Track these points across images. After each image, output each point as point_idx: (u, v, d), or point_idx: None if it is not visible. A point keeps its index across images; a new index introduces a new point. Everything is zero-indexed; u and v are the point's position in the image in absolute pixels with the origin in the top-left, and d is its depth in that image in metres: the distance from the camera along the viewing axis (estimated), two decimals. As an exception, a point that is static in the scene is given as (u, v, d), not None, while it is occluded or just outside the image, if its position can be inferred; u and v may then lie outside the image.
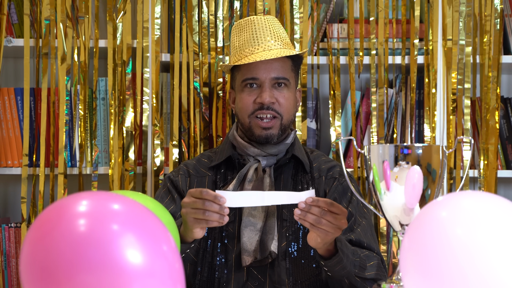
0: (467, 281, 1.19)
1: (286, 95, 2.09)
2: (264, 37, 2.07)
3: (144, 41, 2.78)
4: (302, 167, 2.13)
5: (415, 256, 1.25)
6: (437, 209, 1.26)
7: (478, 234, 1.20)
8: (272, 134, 2.08)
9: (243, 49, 2.08)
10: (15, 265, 2.78)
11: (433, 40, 2.76)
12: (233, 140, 2.13)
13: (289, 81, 2.11)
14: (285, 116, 2.10)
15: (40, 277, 1.12)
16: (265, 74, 2.08)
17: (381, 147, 1.61)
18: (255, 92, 2.09)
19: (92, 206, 1.16)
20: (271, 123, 2.08)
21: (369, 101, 2.83)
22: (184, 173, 2.17)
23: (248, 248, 2.00)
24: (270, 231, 2.01)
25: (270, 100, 2.07)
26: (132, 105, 2.78)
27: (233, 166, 2.13)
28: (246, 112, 2.09)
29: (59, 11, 2.77)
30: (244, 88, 2.10)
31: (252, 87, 2.09)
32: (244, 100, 2.10)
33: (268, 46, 2.06)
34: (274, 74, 2.08)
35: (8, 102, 2.82)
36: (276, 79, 2.08)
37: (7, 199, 3.07)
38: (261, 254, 2.00)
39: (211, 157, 2.20)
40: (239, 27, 2.12)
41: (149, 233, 1.15)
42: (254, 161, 2.09)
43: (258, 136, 2.09)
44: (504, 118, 2.82)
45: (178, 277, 1.16)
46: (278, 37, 2.09)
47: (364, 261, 1.97)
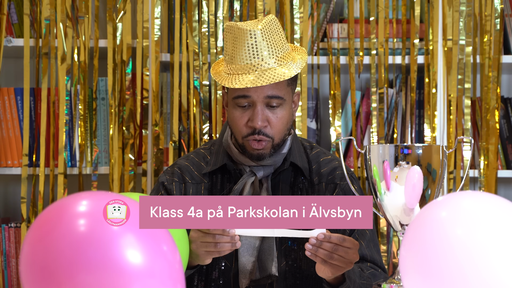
0: (467, 281, 1.19)
1: (279, 115, 1.96)
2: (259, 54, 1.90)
3: (144, 41, 2.78)
4: (301, 172, 2.05)
5: (415, 256, 1.25)
6: (437, 209, 1.26)
7: (478, 234, 1.20)
8: (263, 153, 1.97)
9: (235, 63, 1.92)
10: (15, 265, 2.78)
11: (433, 40, 2.76)
12: (227, 149, 2.03)
13: (284, 98, 1.95)
14: (277, 136, 1.97)
15: (40, 277, 1.12)
16: (257, 93, 1.93)
17: (381, 147, 1.61)
18: (247, 113, 1.95)
19: (92, 206, 1.16)
20: (262, 145, 1.97)
21: (369, 101, 2.83)
22: (178, 179, 2.06)
23: (244, 269, 1.95)
24: (269, 251, 1.94)
25: (262, 124, 1.93)
26: (132, 105, 2.78)
27: (229, 172, 2.05)
28: (240, 134, 1.97)
29: (59, 11, 2.77)
30: (235, 106, 1.96)
31: (244, 107, 1.95)
32: (237, 121, 1.96)
33: (262, 65, 1.90)
34: (268, 92, 1.93)
35: (8, 102, 2.82)
36: (269, 98, 1.93)
37: (7, 199, 3.07)
38: (260, 274, 1.95)
39: (206, 158, 2.09)
40: (232, 33, 1.93)
41: (149, 233, 1.15)
42: (249, 173, 2.00)
43: (250, 155, 1.96)
44: (504, 118, 2.82)
45: (178, 277, 1.16)
46: (274, 51, 1.91)
47: (370, 280, 1.94)
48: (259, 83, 1.87)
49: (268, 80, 1.87)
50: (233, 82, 1.90)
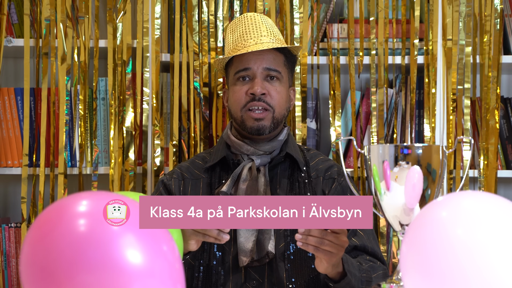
0: (467, 281, 1.19)
1: (278, 88, 2.10)
2: (256, 32, 2.09)
3: (144, 41, 2.78)
4: (298, 166, 2.13)
5: (415, 256, 1.25)
6: (437, 209, 1.26)
7: (478, 234, 1.20)
8: (263, 125, 2.08)
9: (236, 44, 2.11)
10: (15, 265, 2.78)
11: (433, 40, 2.76)
12: (227, 139, 2.14)
13: (281, 74, 2.12)
14: (277, 109, 2.10)
15: (40, 277, 1.12)
16: (257, 64, 2.09)
17: (381, 147, 1.61)
18: (247, 84, 2.10)
19: (92, 206, 1.16)
20: (262, 115, 2.08)
21: (369, 101, 2.83)
22: (177, 176, 2.16)
23: (245, 248, 2.00)
24: (266, 230, 2.01)
25: (261, 90, 2.07)
26: (132, 105, 2.78)
27: (228, 166, 2.13)
28: (239, 105, 2.10)
29: (59, 11, 2.77)
30: (236, 81, 2.12)
31: (245, 80, 2.11)
32: (237, 92, 2.11)
33: (261, 39, 2.08)
34: (266, 64, 2.10)
35: (8, 102, 2.82)
36: (268, 70, 2.09)
37: (7, 199, 3.07)
38: (258, 254, 2.00)
39: (206, 158, 2.19)
40: (232, 26, 2.15)
41: (149, 233, 1.15)
42: (248, 160, 2.10)
43: (250, 128, 2.09)
44: (504, 118, 2.82)
45: (178, 277, 1.16)
46: (271, 32, 2.11)
47: (369, 272, 1.99)
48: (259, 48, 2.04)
49: (267, 46, 2.05)
50: (235, 53, 2.08)
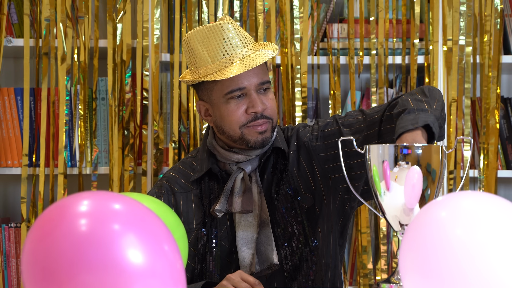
0: (467, 281, 1.19)
1: (270, 96, 2.05)
2: (235, 43, 1.99)
3: (144, 41, 2.79)
4: (282, 155, 2.10)
5: (415, 256, 1.25)
6: (437, 209, 1.26)
7: (478, 234, 1.20)
8: (267, 137, 2.04)
9: (215, 60, 1.99)
10: (15, 265, 2.78)
11: (433, 40, 2.76)
12: (213, 150, 2.06)
13: (270, 82, 2.07)
14: (274, 117, 2.06)
15: (41, 277, 1.12)
16: (250, 82, 2.01)
17: (381, 147, 1.61)
18: (242, 102, 2.01)
19: (93, 206, 1.16)
20: (265, 127, 2.04)
21: (369, 101, 2.83)
22: (167, 191, 2.09)
23: (244, 262, 1.98)
24: (267, 241, 1.97)
25: (262, 107, 2.01)
26: (132, 105, 2.78)
27: (216, 175, 2.08)
28: (238, 124, 2.01)
29: (59, 11, 2.77)
30: (229, 100, 2.01)
31: (239, 98, 2.01)
32: (234, 112, 2.01)
33: (245, 52, 1.99)
34: (259, 79, 2.02)
35: (8, 102, 2.83)
36: (261, 85, 2.02)
37: (7, 199, 3.07)
38: (260, 266, 1.98)
39: (193, 165, 2.12)
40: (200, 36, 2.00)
41: (151, 233, 1.15)
42: (238, 170, 2.04)
43: (254, 142, 2.02)
44: (504, 118, 2.83)
45: (180, 277, 1.16)
46: (246, 38, 2.02)
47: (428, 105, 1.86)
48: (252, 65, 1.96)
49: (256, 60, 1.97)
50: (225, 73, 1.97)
